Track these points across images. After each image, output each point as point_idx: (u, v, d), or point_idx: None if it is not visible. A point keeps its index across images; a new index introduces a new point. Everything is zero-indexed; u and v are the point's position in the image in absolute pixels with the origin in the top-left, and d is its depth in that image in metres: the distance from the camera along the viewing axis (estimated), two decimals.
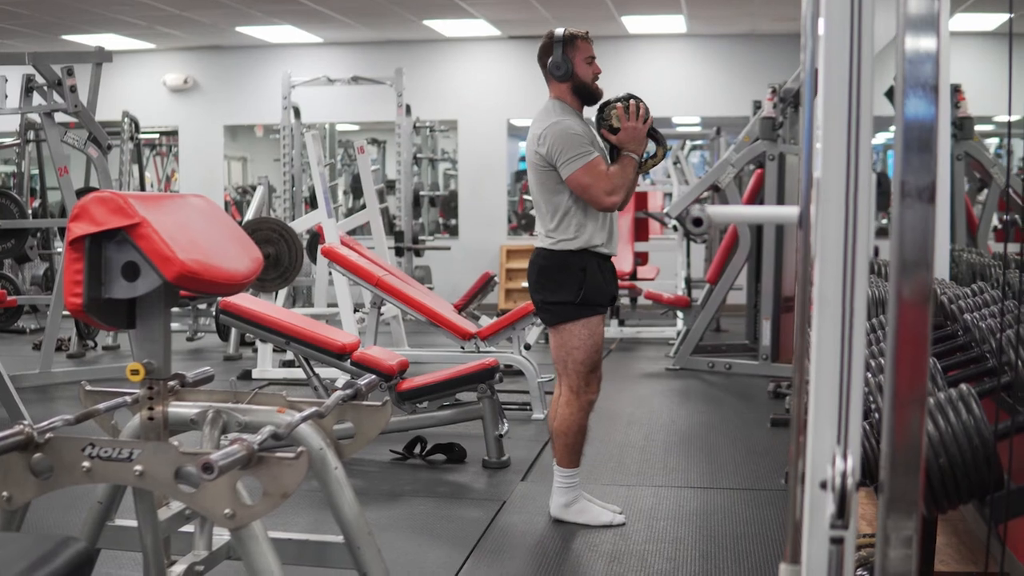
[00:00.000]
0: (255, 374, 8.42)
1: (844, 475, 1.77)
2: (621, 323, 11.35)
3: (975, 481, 2.48)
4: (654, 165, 4.96)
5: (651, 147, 4.86)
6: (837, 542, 1.82)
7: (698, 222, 1.78)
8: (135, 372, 3.01)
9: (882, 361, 3.32)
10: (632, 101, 4.71)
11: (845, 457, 1.80)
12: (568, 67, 4.71)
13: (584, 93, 4.78)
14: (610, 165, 4.68)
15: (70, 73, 7.96)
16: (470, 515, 4.98)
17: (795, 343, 1.90)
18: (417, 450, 5.87)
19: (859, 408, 1.87)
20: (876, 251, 5.35)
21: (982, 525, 4.23)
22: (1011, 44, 2.30)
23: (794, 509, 1.91)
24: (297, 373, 8.28)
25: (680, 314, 10.79)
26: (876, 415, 2.86)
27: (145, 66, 14.62)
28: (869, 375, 2.88)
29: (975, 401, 2.50)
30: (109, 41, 13.23)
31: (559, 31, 4.74)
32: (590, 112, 4.86)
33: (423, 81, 13.90)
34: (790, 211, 1.85)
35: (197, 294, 3.84)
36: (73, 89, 7.98)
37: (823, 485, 1.83)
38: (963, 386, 2.61)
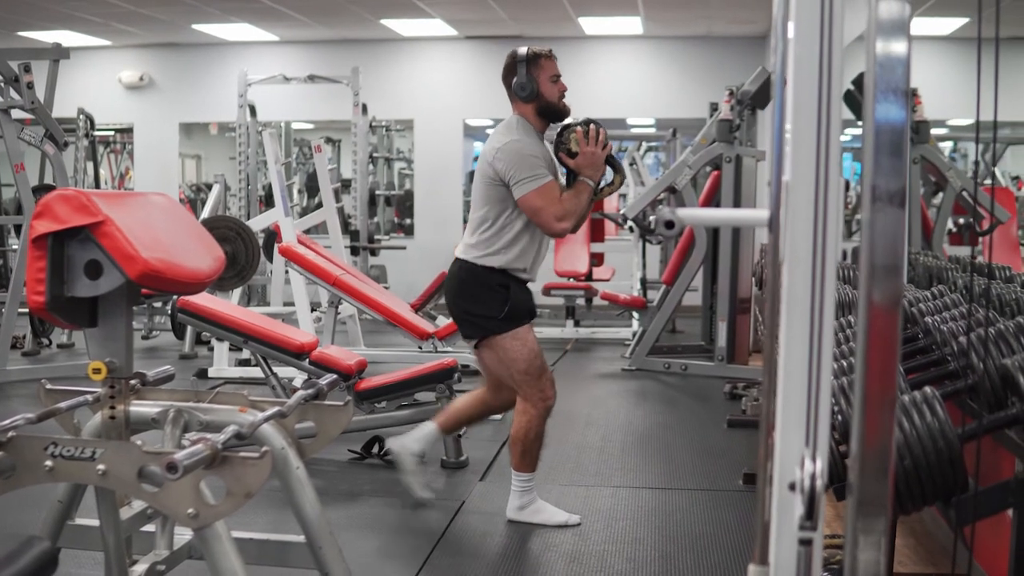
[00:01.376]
0: (211, 373, 8.38)
1: (813, 477, 1.78)
2: (576, 324, 11.37)
3: (940, 483, 2.51)
4: (610, 193, 4.97)
5: (609, 174, 4.86)
6: (806, 543, 1.83)
7: (670, 225, 1.79)
8: (97, 371, 2.98)
9: (845, 364, 3.36)
10: (592, 126, 4.70)
11: (814, 459, 1.81)
12: (533, 87, 4.70)
13: (550, 112, 4.76)
14: (565, 189, 4.69)
15: (27, 70, 7.90)
16: (429, 515, 4.98)
17: (764, 346, 1.91)
18: (375, 450, 5.86)
19: (827, 410, 1.89)
20: (844, 255, 5.39)
21: (941, 527, 4.27)
22: (980, 49, 2.32)
23: (763, 510, 1.92)
24: (253, 372, 8.25)
25: (636, 315, 10.82)
26: (838, 417, 2.89)
27: (101, 63, 14.50)
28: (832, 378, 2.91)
29: (939, 404, 2.53)
30: (65, 38, 13.12)
31: (522, 50, 4.75)
32: (551, 132, 4.86)
33: (379, 80, 13.86)
34: (760, 214, 1.86)
35: (158, 292, 3.82)
36: (30, 86, 7.91)
37: (791, 487, 1.84)
38: (927, 389, 2.64)
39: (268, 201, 12.43)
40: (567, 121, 4.78)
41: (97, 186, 11.97)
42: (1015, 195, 11.18)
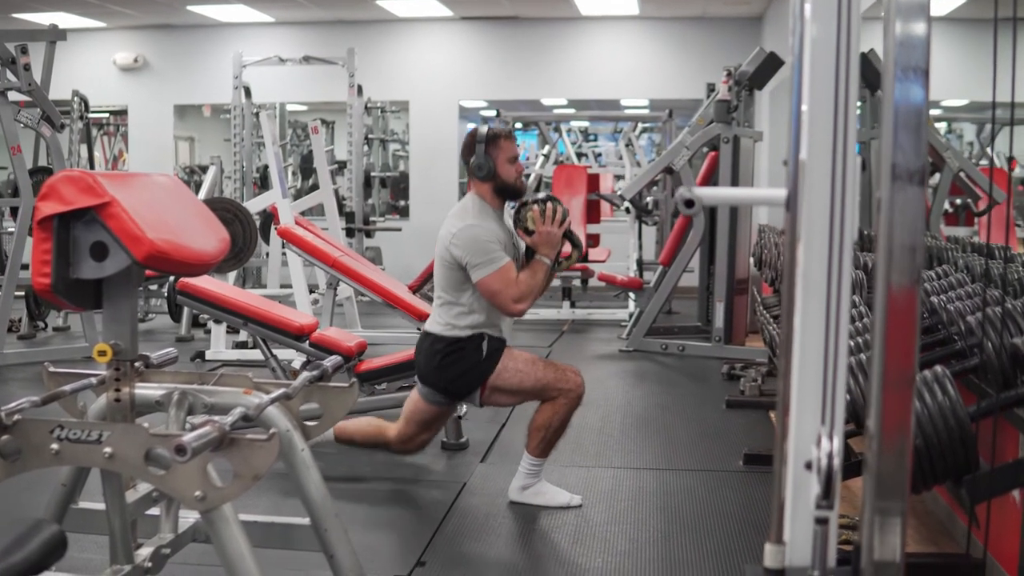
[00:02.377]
0: (208, 355, 8.36)
1: (830, 456, 1.78)
2: (573, 305, 11.35)
3: (951, 462, 2.50)
4: (568, 266, 4.99)
5: (567, 246, 4.86)
6: (822, 522, 1.83)
7: (690, 204, 1.78)
8: (102, 353, 2.97)
9: (853, 343, 3.35)
10: (549, 204, 4.72)
11: (831, 437, 1.81)
12: (490, 167, 4.75)
13: (506, 192, 4.82)
14: (523, 267, 4.74)
15: (24, 51, 7.86)
16: (431, 497, 4.99)
17: (782, 325, 1.91)
18: None
19: (843, 390, 1.89)
20: (861, 234, 5.38)
21: (941, 506, 4.28)
22: (996, 29, 2.31)
23: (779, 490, 1.92)
24: (251, 354, 8.25)
25: (632, 296, 10.81)
26: (847, 396, 2.88)
27: (95, 45, 14.44)
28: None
29: (950, 382, 2.52)
30: (60, 19, 13.03)
31: (482, 130, 4.80)
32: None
33: (375, 61, 13.83)
34: (778, 193, 1.86)
35: (163, 273, 3.81)
36: (27, 67, 7.88)
37: (808, 466, 1.84)
38: (938, 368, 2.64)
39: (263, 183, 12.40)
40: (525, 198, 4.81)
41: (91, 168, 11.94)
42: (1009, 175, 11.16)
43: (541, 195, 4.77)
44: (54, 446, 2.59)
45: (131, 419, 2.99)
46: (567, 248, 4.84)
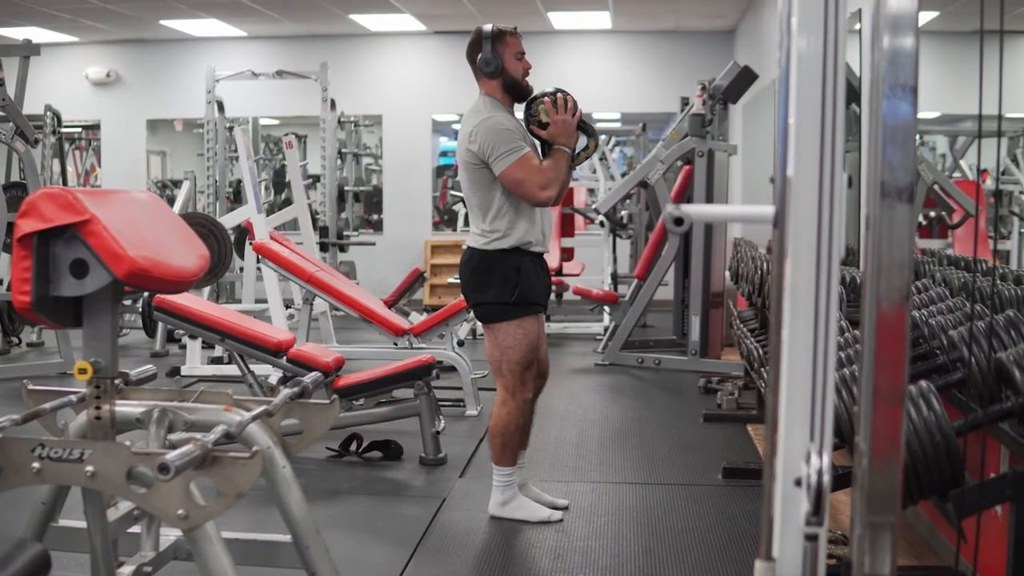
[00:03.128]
0: (184, 371, 8.33)
1: (820, 472, 1.78)
2: (548, 319, 11.34)
3: (936, 477, 2.51)
4: (587, 157, 4.96)
5: (582, 140, 4.86)
6: (812, 539, 1.83)
7: (679, 221, 1.78)
8: (83, 371, 2.95)
9: (839, 356, 3.36)
10: (559, 95, 4.71)
11: (821, 454, 1.81)
12: (498, 63, 4.71)
13: (514, 89, 4.77)
14: (542, 160, 4.68)
15: None
16: (411, 513, 4.97)
17: (770, 341, 1.91)
18: (353, 447, 5.84)
19: (831, 405, 1.89)
20: (848, 251, 5.40)
21: (923, 520, 4.29)
22: (982, 42, 2.33)
23: (769, 506, 1.91)
24: (227, 369, 8.22)
25: (607, 309, 10.82)
26: None
27: (67, 59, 14.38)
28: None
29: (936, 397, 2.53)
30: (32, 34, 12.99)
31: (487, 27, 4.73)
32: (519, 109, 4.85)
33: (348, 76, 13.81)
34: (766, 210, 1.86)
35: (140, 290, 3.79)
36: (1, 83, 7.84)
37: (797, 482, 1.84)
38: (923, 383, 2.64)
39: (235, 198, 12.36)
40: (534, 94, 4.78)
41: (64, 184, 11.87)
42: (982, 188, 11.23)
43: (550, 89, 4.75)
44: (35, 464, 2.57)
45: (111, 437, 2.97)
46: (581, 143, 4.81)
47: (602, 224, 11.07)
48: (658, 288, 9.17)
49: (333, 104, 11.46)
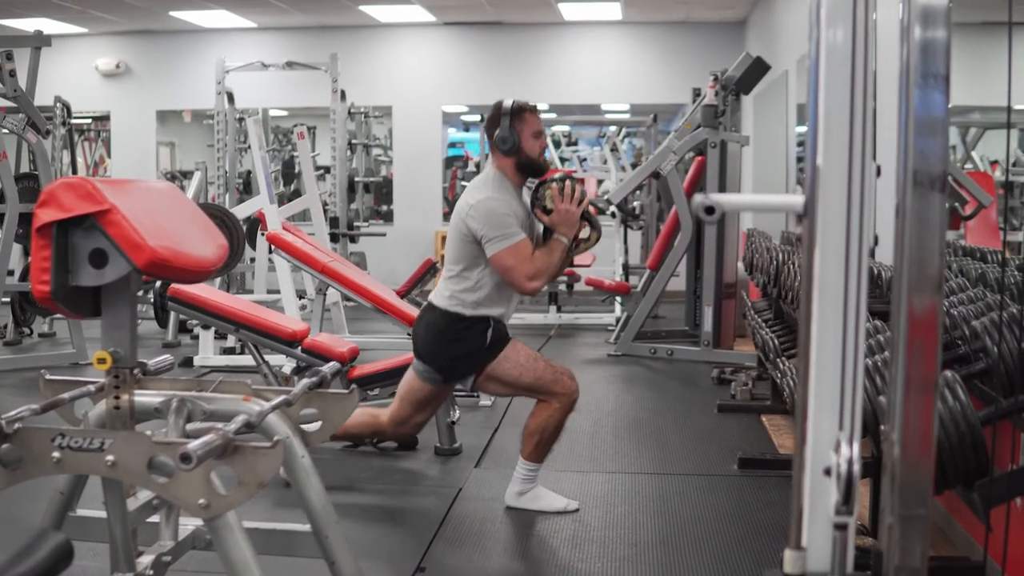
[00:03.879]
0: (197, 361, 8.33)
1: (850, 461, 1.78)
2: (559, 309, 11.35)
3: (962, 467, 2.50)
4: (586, 249, 4.95)
5: (585, 230, 4.85)
6: (841, 528, 1.82)
7: (710, 210, 1.77)
8: (102, 361, 2.94)
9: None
10: (568, 183, 4.69)
11: (851, 443, 1.80)
12: (515, 141, 4.68)
13: (529, 168, 4.74)
14: (541, 245, 4.69)
15: (9, 57, 7.83)
16: (427, 503, 4.96)
17: (800, 331, 1.90)
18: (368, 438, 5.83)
19: (860, 395, 1.88)
20: (876, 240, 5.38)
21: (938, 509, 4.28)
22: (1011, 33, 2.32)
23: (798, 496, 1.91)
24: (239, 360, 8.22)
25: (619, 300, 10.81)
26: None
27: (77, 51, 14.40)
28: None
29: (961, 387, 2.52)
30: (41, 25, 12.97)
31: (508, 103, 4.73)
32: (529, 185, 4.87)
33: (358, 67, 13.81)
34: (796, 199, 1.85)
35: (153, 280, 3.78)
36: (12, 74, 7.84)
37: (827, 472, 1.83)
38: (948, 373, 2.63)
39: (245, 189, 12.36)
40: (544, 178, 4.78)
41: (74, 175, 11.87)
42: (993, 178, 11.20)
43: (559, 175, 4.74)
44: (56, 454, 2.57)
45: (130, 427, 2.97)
46: (584, 233, 4.82)
47: (614, 215, 11.05)
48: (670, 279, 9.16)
49: (343, 95, 11.45)
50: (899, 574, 1.76)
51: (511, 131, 4.67)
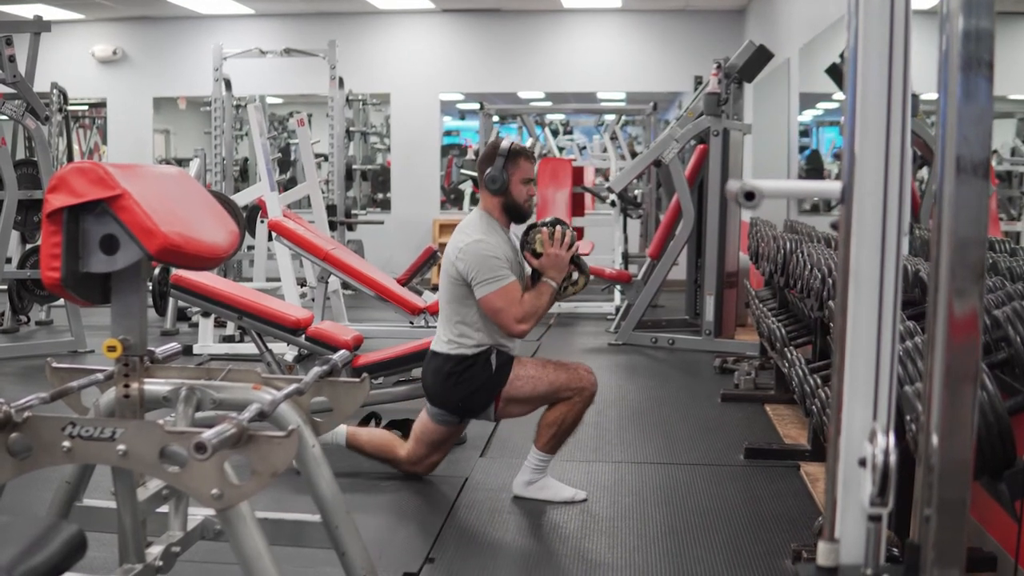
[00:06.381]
0: (196, 349, 8.29)
1: (886, 452, 1.75)
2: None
3: (989, 457, 2.48)
4: (575, 293, 4.95)
5: (575, 274, 4.84)
6: (875, 519, 1.80)
7: (750, 196, 1.74)
8: (112, 348, 2.91)
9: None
10: (558, 228, 4.72)
11: (886, 433, 1.78)
12: (504, 182, 4.73)
13: (514, 212, 4.80)
14: (529, 288, 4.70)
15: (8, 43, 7.78)
16: (433, 493, 4.94)
17: (835, 321, 1.87)
18: (372, 426, 5.80)
19: (895, 384, 1.86)
20: (911, 228, 5.36)
21: None
22: None
23: (832, 487, 1.88)
24: (239, 348, 8.18)
25: (619, 289, 10.78)
26: None
27: (74, 37, 14.33)
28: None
29: (988, 377, 2.49)
30: (38, 11, 12.92)
31: (505, 144, 4.78)
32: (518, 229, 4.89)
33: (356, 54, 13.75)
34: (833, 186, 1.82)
35: (172, 266, 3.74)
36: (12, 59, 7.79)
37: (862, 463, 1.81)
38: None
39: (242, 176, 12.31)
40: (533, 220, 4.82)
41: (70, 161, 11.81)
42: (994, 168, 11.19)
43: (549, 219, 4.77)
44: (66, 443, 2.53)
45: (140, 415, 2.94)
46: (572, 278, 4.83)
47: (613, 203, 11.02)
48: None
49: (341, 82, 11.41)
50: (938, 566, 1.73)
51: (502, 172, 4.73)
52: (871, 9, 1.80)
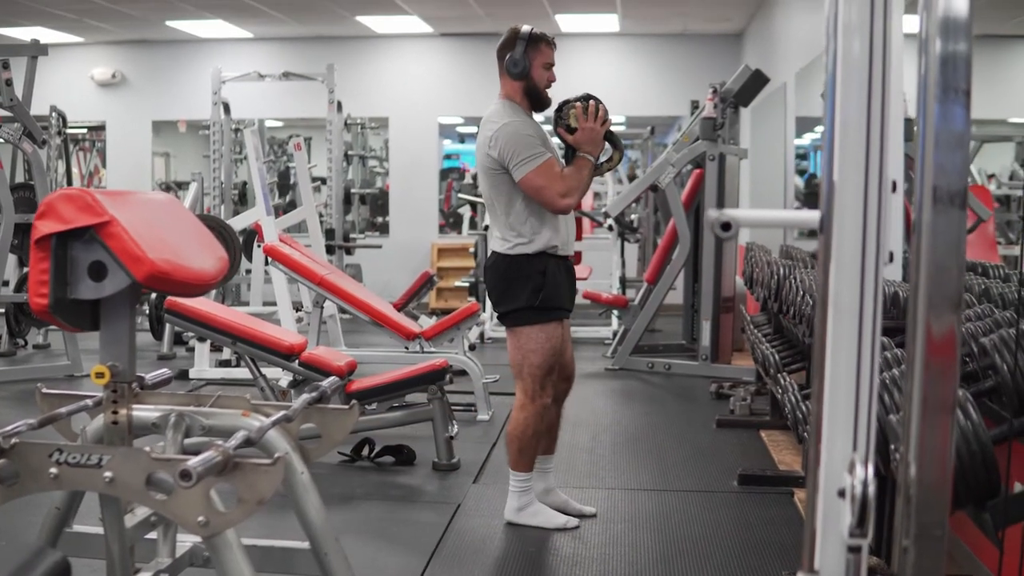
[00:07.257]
0: (192, 374, 8.28)
1: (865, 483, 1.74)
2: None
3: (973, 486, 2.47)
4: (610, 168, 4.93)
5: (608, 150, 4.82)
6: (855, 551, 1.79)
7: (726, 226, 1.74)
8: (100, 375, 2.90)
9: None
10: (592, 102, 4.66)
11: (865, 464, 1.77)
12: (525, 66, 4.67)
13: (534, 96, 4.72)
14: (565, 166, 4.64)
15: (5, 66, 7.80)
16: (425, 519, 4.92)
17: (814, 350, 1.87)
18: (365, 452, 5.79)
19: (875, 414, 1.85)
20: (891, 257, 5.36)
21: None
22: None
23: (811, 517, 1.87)
24: (235, 373, 8.17)
25: (616, 313, 10.78)
26: None
27: (73, 60, 14.34)
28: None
29: (972, 405, 2.49)
30: (36, 34, 12.89)
31: (525, 28, 4.70)
32: (549, 111, 4.81)
33: (354, 78, 13.77)
34: (811, 215, 1.82)
35: (157, 293, 3.74)
36: (9, 83, 7.81)
37: (840, 493, 1.80)
38: (959, 391, 2.60)
39: (241, 200, 12.32)
40: (565, 98, 4.74)
41: (70, 186, 11.83)
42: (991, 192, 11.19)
43: (582, 94, 4.71)
44: (53, 470, 2.53)
45: (128, 442, 2.93)
46: (606, 154, 4.81)
47: (611, 228, 11.03)
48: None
49: (340, 106, 11.43)
50: None
51: (524, 56, 4.67)
52: (850, 35, 1.79)
